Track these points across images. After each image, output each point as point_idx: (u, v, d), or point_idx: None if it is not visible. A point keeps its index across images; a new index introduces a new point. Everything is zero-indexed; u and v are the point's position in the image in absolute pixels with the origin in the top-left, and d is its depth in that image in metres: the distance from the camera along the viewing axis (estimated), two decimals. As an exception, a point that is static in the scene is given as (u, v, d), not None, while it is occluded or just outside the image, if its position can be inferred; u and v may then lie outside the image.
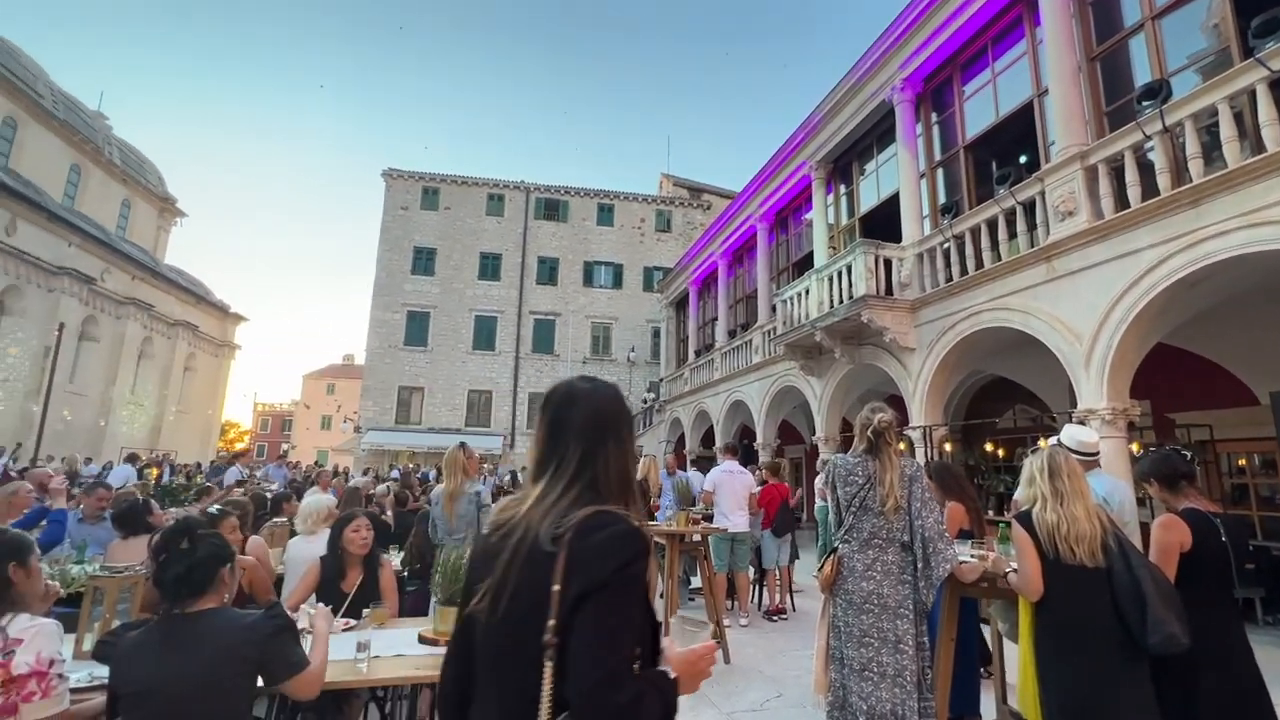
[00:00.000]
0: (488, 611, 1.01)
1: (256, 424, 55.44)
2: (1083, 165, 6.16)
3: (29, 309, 19.58)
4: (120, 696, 1.67)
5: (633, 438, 1.18)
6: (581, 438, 1.09)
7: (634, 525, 1.01)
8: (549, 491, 1.06)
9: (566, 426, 1.11)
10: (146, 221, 29.94)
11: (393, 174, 25.40)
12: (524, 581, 0.98)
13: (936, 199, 8.94)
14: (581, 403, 1.13)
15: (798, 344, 10.44)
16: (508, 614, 0.99)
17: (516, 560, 1.00)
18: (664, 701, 0.97)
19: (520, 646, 0.97)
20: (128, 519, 3.78)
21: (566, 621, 0.93)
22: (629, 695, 0.90)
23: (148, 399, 25.70)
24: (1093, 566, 2.21)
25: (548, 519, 1.02)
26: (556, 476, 1.08)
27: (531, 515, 1.04)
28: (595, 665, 0.90)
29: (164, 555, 1.79)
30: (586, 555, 0.96)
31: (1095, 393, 5.85)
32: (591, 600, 0.93)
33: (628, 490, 1.12)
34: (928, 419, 8.13)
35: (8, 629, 1.64)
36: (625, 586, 0.96)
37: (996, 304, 7.11)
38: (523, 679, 0.95)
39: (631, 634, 0.97)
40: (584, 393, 1.15)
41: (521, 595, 0.98)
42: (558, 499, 1.05)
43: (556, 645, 0.93)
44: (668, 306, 21.39)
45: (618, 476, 1.10)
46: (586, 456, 1.08)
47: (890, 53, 9.31)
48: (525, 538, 1.02)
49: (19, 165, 21.67)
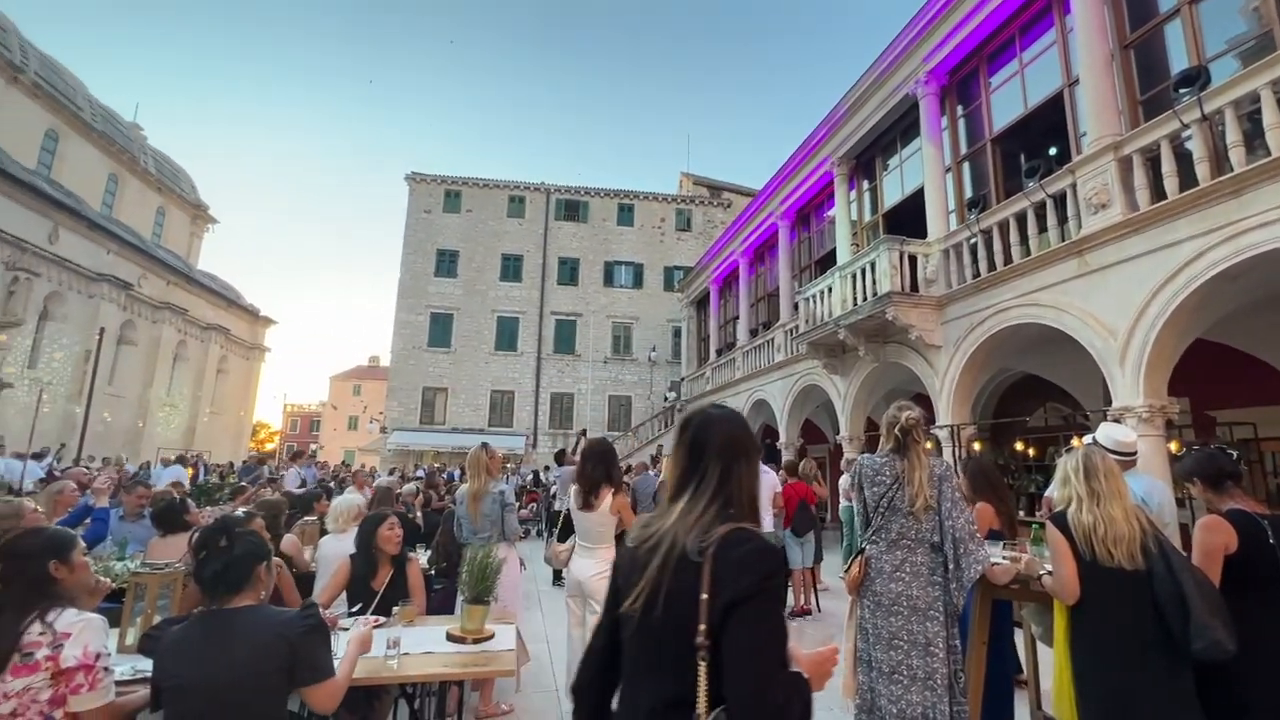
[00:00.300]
0: (640, 614, 1.12)
1: (286, 424, 56.67)
2: (1116, 156, 5.99)
3: (70, 314, 20.30)
4: (163, 690, 1.72)
5: (758, 462, 1.31)
6: (719, 459, 1.22)
7: (770, 543, 1.14)
8: (692, 508, 1.18)
9: (706, 448, 1.23)
10: (180, 228, 30.83)
11: (416, 178, 25.75)
12: (674, 589, 1.09)
13: (963, 193, 8.77)
14: (718, 427, 1.26)
15: (821, 342, 10.33)
16: (658, 618, 1.10)
17: (666, 569, 1.12)
18: (803, 700, 1.06)
19: (669, 646, 1.09)
20: (166, 517, 3.90)
21: (716, 626, 1.04)
22: (783, 696, 1.01)
23: (182, 401, 26.46)
24: (1132, 569, 2.14)
25: (692, 533, 1.13)
26: (698, 494, 1.20)
27: (677, 529, 1.16)
28: (753, 668, 1.01)
29: (203, 552, 1.83)
30: (731, 568, 1.07)
31: (1131, 390, 5.68)
32: (742, 609, 1.04)
33: (755, 508, 1.25)
34: (955, 418, 7.98)
35: (55, 624, 1.69)
36: (771, 596, 1.07)
37: (1026, 300, 6.94)
38: (673, 675, 1.07)
39: (781, 640, 1.07)
40: (719, 418, 1.29)
41: (671, 601, 1.09)
42: (700, 515, 1.16)
43: (708, 647, 1.03)
44: (688, 306, 21.34)
45: (748, 495, 1.23)
46: (724, 475, 1.20)
47: (914, 46, 9.16)
48: (673, 549, 1.13)
49: (60, 176, 22.48)
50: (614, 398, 24.89)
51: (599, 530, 3.59)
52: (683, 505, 1.20)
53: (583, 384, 24.81)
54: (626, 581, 1.20)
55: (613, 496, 3.54)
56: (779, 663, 1.05)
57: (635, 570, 1.17)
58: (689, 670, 1.03)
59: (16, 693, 1.61)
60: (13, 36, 21.16)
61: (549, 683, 4.35)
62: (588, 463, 3.62)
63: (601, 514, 3.54)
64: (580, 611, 3.63)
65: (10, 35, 21.08)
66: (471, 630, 2.81)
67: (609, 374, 25.03)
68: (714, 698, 1.02)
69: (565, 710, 3.80)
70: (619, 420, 24.36)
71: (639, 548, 1.21)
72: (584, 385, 24.80)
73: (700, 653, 1.03)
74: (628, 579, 1.19)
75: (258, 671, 1.72)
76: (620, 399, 24.91)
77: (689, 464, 1.24)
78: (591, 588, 3.53)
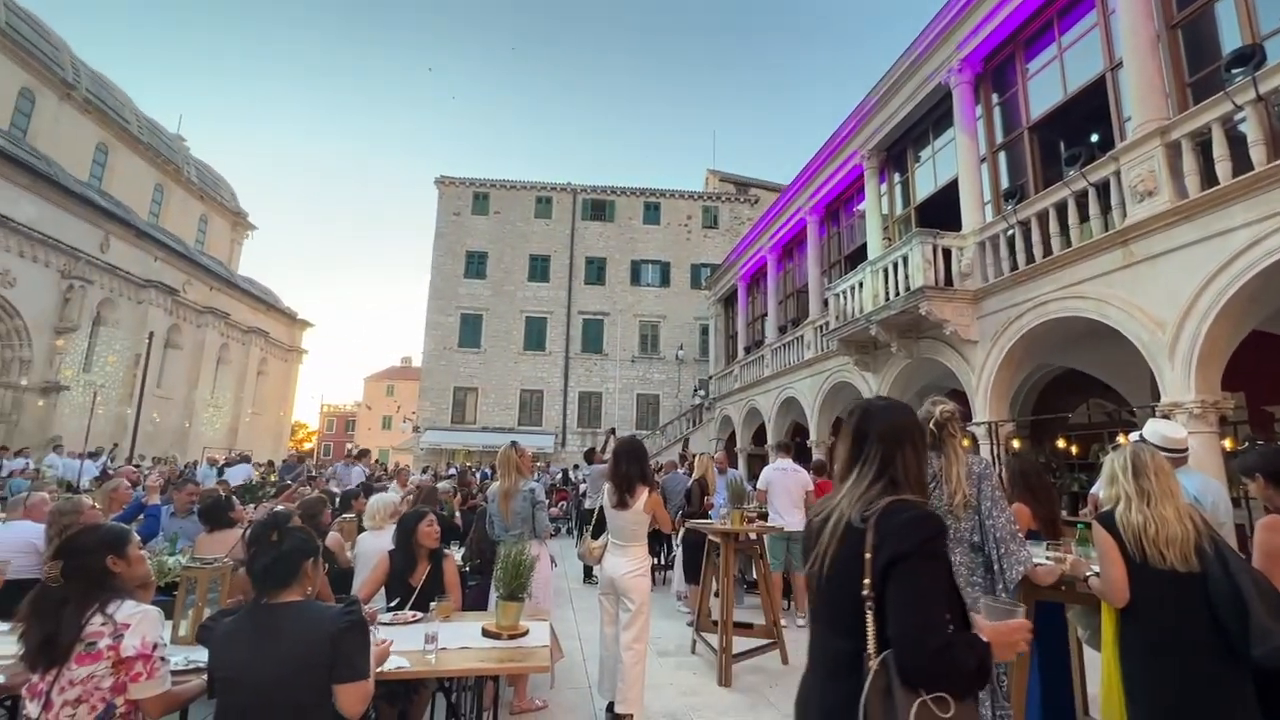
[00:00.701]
0: (817, 573, 1.35)
1: (323, 424, 58.24)
2: (1163, 141, 5.75)
3: (121, 319, 21.20)
4: (217, 679, 1.78)
5: (925, 445, 1.48)
6: (880, 444, 1.39)
7: (931, 510, 1.32)
8: (856, 486, 1.39)
9: (868, 436, 1.42)
10: (221, 235, 31.92)
11: (445, 181, 26.17)
12: (841, 552, 1.31)
13: (999, 184, 8.53)
14: (879, 416, 1.44)
15: (852, 339, 10.17)
16: (830, 576, 1.32)
17: (835, 535, 1.34)
18: (977, 656, 1.20)
19: (842, 600, 1.29)
20: (213, 514, 4.05)
21: (879, 581, 1.22)
22: (941, 641, 1.16)
23: (225, 402, 27.40)
24: (1185, 571, 2.06)
25: (856, 505, 1.34)
26: (861, 475, 1.39)
27: (843, 503, 1.37)
28: (911, 616, 1.18)
29: (255, 547, 1.90)
30: (891, 531, 1.25)
31: (1181, 385, 5.46)
32: (900, 565, 1.20)
33: (922, 486, 1.40)
34: (993, 414, 7.77)
35: (115, 615, 1.77)
36: (930, 557, 1.23)
37: (1067, 292, 6.72)
38: (845, 625, 1.27)
39: (940, 597, 1.23)
40: (880, 408, 1.47)
41: (839, 562, 1.31)
42: (864, 491, 1.36)
43: (874, 599, 1.22)
44: (715, 303, 21.23)
45: (915, 475, 1.39)
46: (886, 458, 1.38)
47: (946, 33, 8.94)
48: (840, 519, 1.35)
49: (110, 187, 23.50)
50: (642, 396, 24.93)
51: (632, 528, 3.60)
52: (849, 484, 1.40)
53: (610, 383, 24.91)
54: (805, 548, 1.45)
55: (647, 495, 3.55)
56: (938, 612, 1.20)
57: (811, 538, 1.42)
58: (859, 620, 1.23)
59: (81, 680, 1.70)
60: (65, 55, 22.18)
61: (581, 679, 4.38)
62: (621, 461, 3.63)
63: (636, 512, 3.55)
64: (613, 609, 3.65)
65: (63, 54, 22.10)
66: (507, 626, 2.85)
67: (636, 373, 25.07)
68: (882, 643, 1.20)
69: (598, 707, 3.83)
70: (647, 419, 24.39)
71: (814, 520, 1.43)
72: (612, 384, 24.90)
73: (867, 604, 1.22)
74: (806, 546, 1.44)
75: (302, 666, 1.74)
76: (648, 397, 24.94)
77: (853, 449, 1.44)
78: (624, 585, 3.55)
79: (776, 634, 4.86)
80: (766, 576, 5.16)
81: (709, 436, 20.10)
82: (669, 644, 5.31)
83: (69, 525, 3.22)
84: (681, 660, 4.93)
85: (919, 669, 1.15)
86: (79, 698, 1.70)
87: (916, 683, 1.15)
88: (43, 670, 1.70)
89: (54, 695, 1.68)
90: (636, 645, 3.48)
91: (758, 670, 4.62)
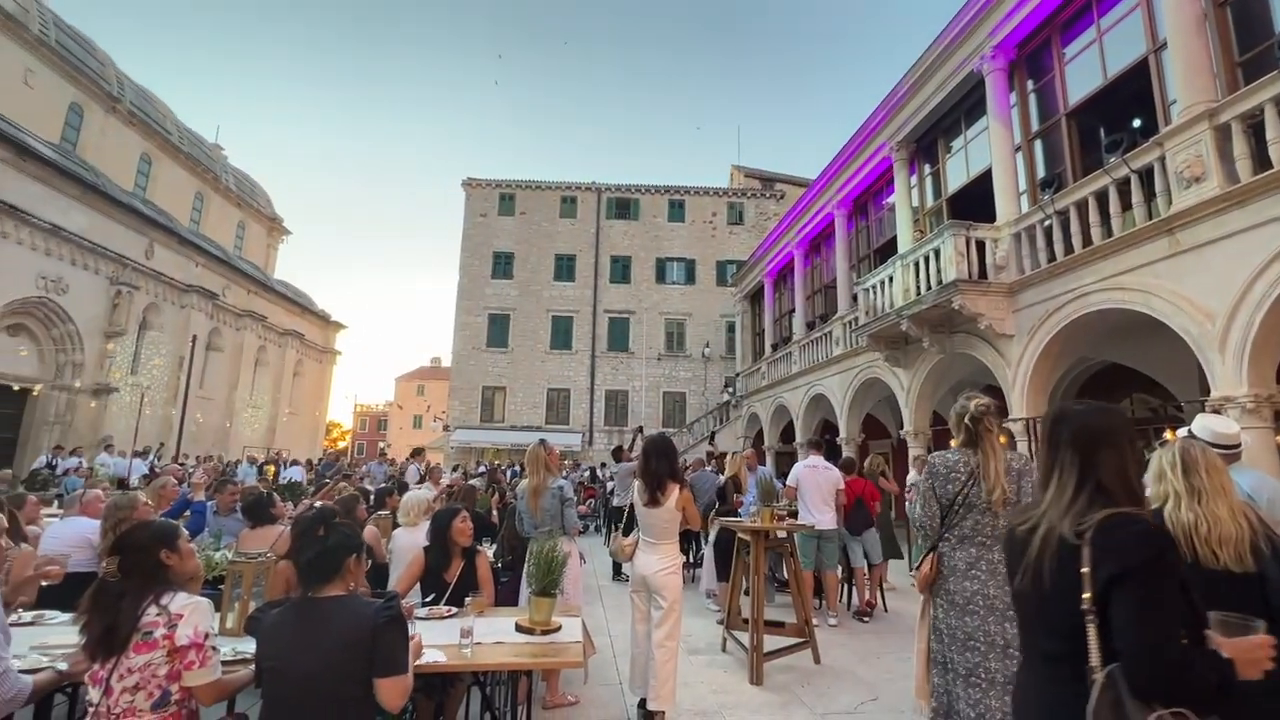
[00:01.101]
0: (1030, 586, 1.33)
1: (356, 424, 59.62)
2: (1211, 124, 5.51)
3: (165, 323, 22.00)
4: (263, 669, 1.84)
5: (1131, 447, 1.39)
6: (1074, 449, 1.37)
7: (1155, 525, 1.28)
8: (1060, 496, 1.36)
9: (1060, 442, 1.40)
10: (258, 240, 32.87)
11: (472, 183, 26.51)
12: (1055, 567, 1.29)
13: (1035, 173, 8.29)
14: (1071, 420, 1.41)
15: (882, 334, 10.00)
16: (1045, 590, 1.30)
17: (1047, 549, 1.31)
18: (1219, 673, 1.18)
19: (1058, 612, 1.28)
20: (256, 510, 4.18)
21: (1101, 596, 1.21)
22: (1176, 656, 1.15)
23: (263, 402, 28.22)
24: (1240, 572, 1.96)
25: (1066, 518, 1.31)
26: (1061, 484, 1.36)
27: (1050, 514, 1.34)
28: (1141, 632, 1.16)
29: (301, 541, 1.96)
30: (1112, 547, 1.22)
31: (1233, 378, 5.23)
32: (1126, 583, 1.18)
33: (1131, 492, 1.34)
34: (1030, 411, 7.56)
35: (169, 606, 1.85)
36: (1157, 575, 1.20)
37: (1108, 283, 6.50)
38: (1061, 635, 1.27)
39: (1172, 612, 1.20)
40: (1074, 413, 1.43)
41: (1054, 576, 1.28)
42: (1070, 502, 1.33)
43: (1095, 612, 1.21)
44: (742, 300, 21.09)
45: (1121, 481, 1.33)
46: (1085, 464, 1.34)
47: (978, 20, 8.71)
48: (1050, 533, 1.32)
49: (154, 196, 24.40)
50: (668, 394, 24.91)
51: (664, 526, 3.60)
52: (1050, 494, 1.38)
53: (636, 381, 24.95)
54: (1010, 557, 1.44)
55: (678, 492, 3.55)
56: (1170, 627, 1.17)
57: (1015, 547, 1.41)
58: (1078, 631, 1.22)
59: (139, 668, 1.78)
60: (110, 70, 23.08)
61: (613, 676, 4.41)
62: (651, 459, 3.64)
63: (667, 509, 3.55)
64: (645, 607, 3.66)
65: (108, 69, 23.01)
66: (540, 622, 2.88)
67: (663, 371, 25.06)
68: (1107, 656, 1.19)
69: (629, 703, 3.84)
70: (673, 417, 24.37)
71: (1016, 529, 1.42)
72: (638, 382, 24.94)
73: (1088, 618, 1.21)
74: (1011, 555, 1.44)
75: (344, 659, 1.79)
76: (674, 395, 24.91)
77: (1048, 457, 1.42)
78: (656, 583, 3.56)
79: (808, 633, 4.82)
80: (797, 575, 5.12)
81: (736, 434, 19.99)
82: (699, 642, 5.30)
83: (123, 520, 3.36)
84: (712, 658, 4.93)
85: (1155, 682, 1.15)
86: (137, 685, 1.78)
87: (1151, 696, 1.14)
88: (103, 659, 1.79)
89: (114, 682, 1.77)
90: (668, 643, 3.49)
91: (789, 669, 4.59)
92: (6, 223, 15.71)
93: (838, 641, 5.35)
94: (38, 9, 19.80)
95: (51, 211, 16.98)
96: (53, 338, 17.84)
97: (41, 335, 17.65)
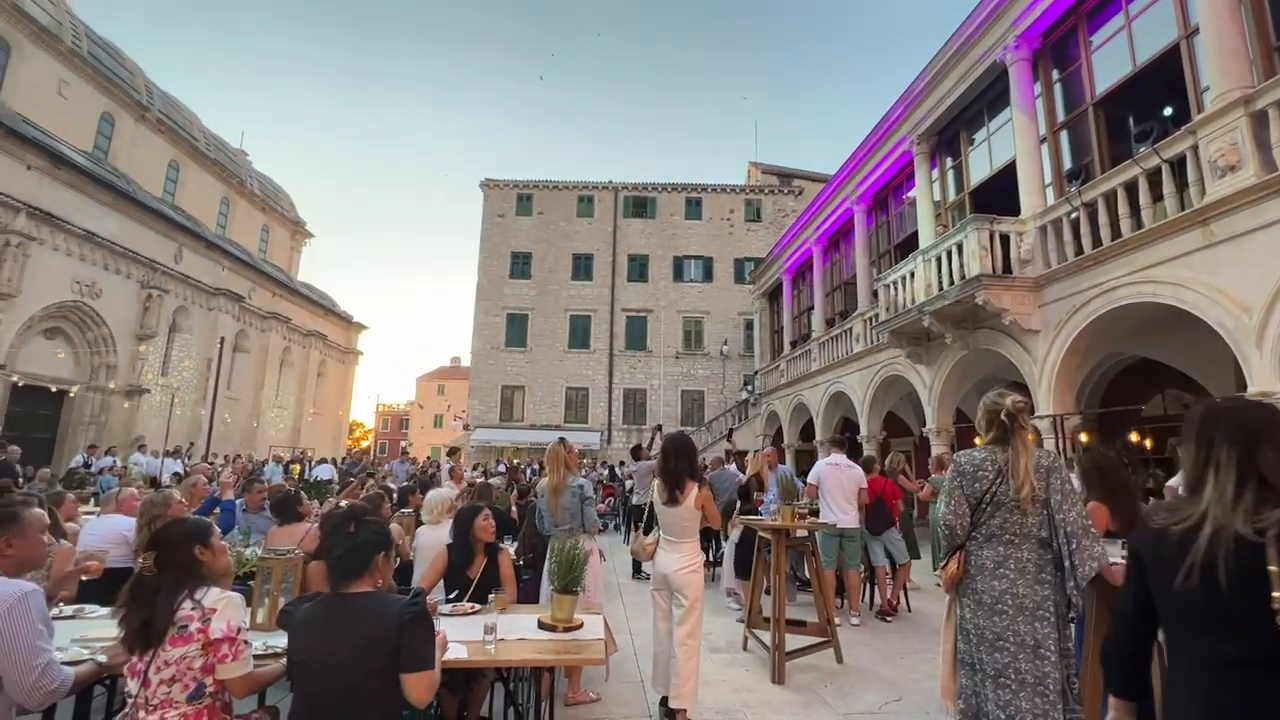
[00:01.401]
0: (1200, 586, 1.26)
1: (379, 423, 60.44)
2: (1247, 111, 5.34)
3: (194, 326, 22.54)
4: (294, 663, 1.88)
5: None
6: (1230, 444, 1.33)
7: None
8: (1220, 495, 1.31)
9: (1214, 440, 1.36)
10: (282, 243, 33.48)
11: (489, 184, 26.71)
12: (1235, 566, 1.22)
13: (1060, 165, 8.11)
14: (1225, 417, 1.39)
15: (903, 330, 9.87)
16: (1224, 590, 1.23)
17: (1220, 548, 1.25)
18: None
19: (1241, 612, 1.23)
20: (283, 508, 4.27)
21: None
22: None
23: (288, 403, 28.76)
24: None
25: (1237, 515, 1.26)
26: (1220, 480, 1.32)
27: (1214, 513, 1.29)
28: None
29: (332, 537, 1.99)
30: None
31: (1271, 374, 5.07)
32: None
33: None
34: (1057, 407, 7.41)
35: (203, 600, 1.90)
36: None
37: (1139, 277, 6.33)
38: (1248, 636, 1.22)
39: None
40: (1224, 408, 1.42)
41: (1235, 575, 1.22)
42: (1235, 499, 1.28)
43: None
44: (760, 298, 20.96)
45: None
46: (1243, 461, 1.30)
47: (1001, 10, 8.54)
48: (1223, 530, 1.26)
49: (182, 201, 25.00)
50: (686, 392, 24.87)
51: (684, 524, 3.60)
52: (1209, 492, 1.32)
53: (655, 379, 24.95)
54: (1160, 556, 1.37)
55: (698, 491, 3.55)
56: None
57: (1169, 546, 1.33)
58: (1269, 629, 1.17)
59: (175, 660, 1.83)
60: (139, 79, 23.68)
61: (634, 673, 4.41)
62: (670, 458, 3.64)
63: (687, 508, 3.55)
64: (666, 605, 3.66)
65: (138, 78, 23.60)
66: (562, 619, 2.90)
67: (681, 369, 25.02)
68: None
69: (651, 700, 3.85)
70: (692, 415, 24.32)
71: (1168, 528, 1.35)
72: (656, 381, 24.93)
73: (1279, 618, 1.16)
74: (1161, 554, 1.36)
75: (372, 655, 1.81)
76: (693, 394, 24.86)
77: (1199, 455, 1.38)
78: (678, 581, 3.55)
79: (830, 632, 4.78)
80: (819, 574, 5.08)
81: (755, 432, 19.88)
82: (720, 640, 5.29)
83: (157, 517, 3.45)
84: (733, 656, 4.91)
85: None
86: (173, 677, 1.83)
87: None
88: (140, 651, 1.84)
89: (151, 674, 1.82)
90: (690, 641, 3.48)
91: (811, 668, 4.56)
92: (43, 229, 16.22)
93: (860, 641, 5.30)
94: (70, 21, 20.38)
95: (85, 218, 17.50)
96: (87, 341, 18.39)
97: (77, 338, 18.20)
